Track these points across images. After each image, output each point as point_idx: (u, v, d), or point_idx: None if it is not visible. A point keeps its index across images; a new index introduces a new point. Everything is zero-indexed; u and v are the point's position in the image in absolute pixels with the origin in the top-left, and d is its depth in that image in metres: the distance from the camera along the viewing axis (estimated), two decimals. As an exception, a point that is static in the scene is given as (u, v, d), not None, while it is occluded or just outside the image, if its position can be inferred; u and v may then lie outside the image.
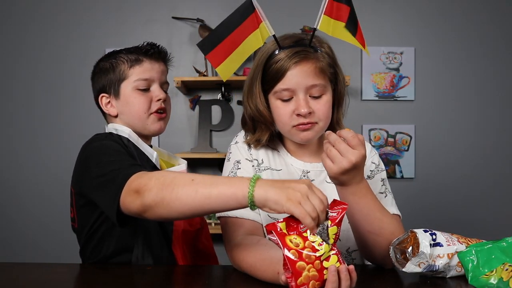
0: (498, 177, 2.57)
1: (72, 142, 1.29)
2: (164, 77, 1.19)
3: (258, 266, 0.91)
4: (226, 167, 1.12)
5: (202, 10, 2.54)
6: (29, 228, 2.52)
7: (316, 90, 1.02)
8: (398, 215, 1.08)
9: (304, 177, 1.10)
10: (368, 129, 2.56)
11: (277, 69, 1.01)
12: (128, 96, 1.14)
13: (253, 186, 0.75)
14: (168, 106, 1.21)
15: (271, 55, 1.04)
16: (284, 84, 1.01)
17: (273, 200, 0.74)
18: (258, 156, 1.12)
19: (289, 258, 0.71)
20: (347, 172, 0.89)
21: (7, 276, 0.97)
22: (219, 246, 1.33)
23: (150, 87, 1.16)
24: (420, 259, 0.87)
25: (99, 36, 2.57)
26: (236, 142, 1.14)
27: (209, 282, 0.96)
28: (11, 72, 2.57)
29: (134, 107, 1.14)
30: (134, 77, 1.14)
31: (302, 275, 0.71)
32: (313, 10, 2.48)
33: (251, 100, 1.08)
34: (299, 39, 1.05)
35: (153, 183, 0.79)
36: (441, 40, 2.58)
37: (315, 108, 1.02)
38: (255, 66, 1.08)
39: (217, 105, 2.56)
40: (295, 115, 1.01)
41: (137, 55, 1.15)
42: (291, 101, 1.02)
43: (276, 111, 1.05)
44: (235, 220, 1.04)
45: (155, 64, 1.16)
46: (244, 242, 1.00)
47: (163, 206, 0.77)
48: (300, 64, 1.00)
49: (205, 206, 0.77)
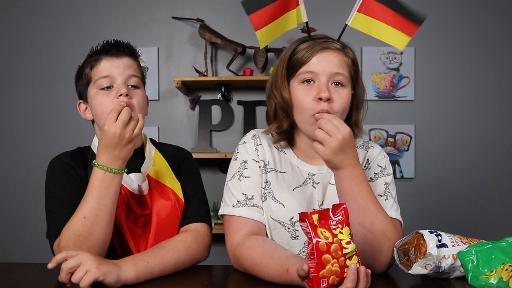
0: (498, 177, 2.57)
1: (72, 142, 1.29)
2: (129, 71, 1.10)
3: (264, 263, 0.92)
4: (233, 166, 1.13)
5: (202, 10, 2.54)
6: (29, 228, 2.52)
7: (339, 78, 1.03)
8: (399, 221, 1.05)
9: (309, 180, 1.10)
10: (368, 129, 2.56)
11: (303, 55, 1.04)
12: (93, 98, 1.10)
13: (100, 166, 0.90)
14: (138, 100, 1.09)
15: (298, 45, 1.07)
16: (308, 67, 1.03)
17: (117, 154, 0.95)
18: (265, 157, 1.12)
19: (318, 248, 0.72)
20: (338, 152, 0.91)
21: (7, 276, 0.97)
22: (218, 246, 1.33)
23: (113, 84, 1.08)
24: (427, 260, 0.87)
25: (99, 36, 2.56)
26: (244, 142, 1.15)
27: (209, 282, 0.96)
28: (11, 72, 2.57)
29: (97, 108, 1.08)
30: (95, 77, 1.09)
31: (326, 268, 0.72)
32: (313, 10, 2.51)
33: (276, 89, 1.10)
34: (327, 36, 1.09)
35: (65, 242, 0.94)
36: (441, 40, 2.58)
37: (335, 98, 1.02)
38: (281, 58, 1.10)
39: (217, 105, 2.56)
40: (316, 100, 1.01)
41: (97, 55, 1.12)
42: (313, 87, 1.03)
43: (297, 96, 1.05)
44: (239, 219, 1.05)
45: (115, 60, 1.10)
46: (249, 240, 1.00)
47: (85, 246, 0.93)
48: (326, 52, 1.03)
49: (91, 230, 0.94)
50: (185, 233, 1.08)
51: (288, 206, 1.06)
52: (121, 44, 1.14)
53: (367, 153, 1.15)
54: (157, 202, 1.08)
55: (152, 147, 1.19)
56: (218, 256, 1.27)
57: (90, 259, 0.83)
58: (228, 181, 1.11)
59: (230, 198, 1.08)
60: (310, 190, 1.09)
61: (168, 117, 2.56)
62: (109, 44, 1.13)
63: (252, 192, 1.07)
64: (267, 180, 1.10)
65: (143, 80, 1.18)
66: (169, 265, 0.97)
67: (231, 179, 1.11)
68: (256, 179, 1.09)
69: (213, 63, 2.52)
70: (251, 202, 1.06)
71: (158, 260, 0.95)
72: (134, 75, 1.11)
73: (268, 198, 1.08)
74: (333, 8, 2.44)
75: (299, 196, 1.08)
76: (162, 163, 1.17)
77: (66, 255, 0.84)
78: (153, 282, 0.91)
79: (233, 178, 1.10)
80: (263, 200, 1.08)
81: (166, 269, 0.96)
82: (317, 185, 1.09)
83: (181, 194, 1.12)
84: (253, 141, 1.13)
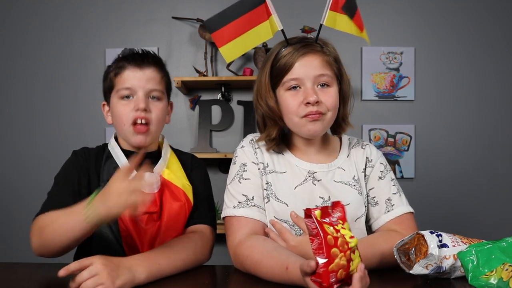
0: (498, 177, 2.57)
1: (72, 142, 1.29)
2: (151, 84, 1.10)
3: (264, 262, 0.92)
4: (232, 170, 1.14)
5: (202, 10, 2.54)
6: (29, 228, 2.52)
7: (324, 79, 1.05)
8: (411, 212, 1.11)
9: (309, 177, 1.11)
10: (368, 129, 2.56)
11: (285, 62, 1.05)
12: (114, 106, 1.12)
13: (87, 211, 0.84)
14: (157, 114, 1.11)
15: (278, 52, 1.07)
16: (292, 75, 1.05)
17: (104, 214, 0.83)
18: (264, 159, 1.13)
19: (327, 242, 0.72)
20: None
21: (7, 276, 0.97)
22: (219, 246, 1.33)
23: (134, 95, 1.09)
24: (428, 261, 0.87)
25: (99, 36, 2.57)
26: (242, 146, 1.16)
27: (209, 282, 0.96)
28: (11, 72, 2.57)
29: (116, 117, 1.11)
30: (118, 86, 1.10)
31: (334, 262, 0.72)
32: (313, 10, 2.48)
33: (261, 99, 1.11)
34: (305, 38, 1.10)
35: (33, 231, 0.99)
36: (441, 40, 2.58)
37: (323, 99, 1.04)
38: (263, 66, 1.11)
39: (217, 105, 2.56)
40: (304, 104, 1.03)
41: (122, 61, 1.11)
42: (299, 92, 1.05)
43: (284, 103, 1.07)
44: (240, 218, 1.05)
45: (138, 71, 1.09)
46: (250, 239, 1.01)
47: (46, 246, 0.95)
48: (307, 56, 1.05)
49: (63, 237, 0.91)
50: (193, 234, 1.09)
51: (291, 204, 1.07)
52: (146, 55, 1.14)
53: (364, 151, 1.18)
54: (168, 203, 1.10)
55: (168, 149, 1.21)
56: (218, 256, 1.27)
57: (105, 273, 0.81)
58: (228, 184, 1.12)
59: (231, 200, 1.09)
60: (310, 187, 1.10)
61: (168, 117, 2.56)
62: (135, 53, 1.14)
63: (252, 193, 1.08)
64: (268, 181, 1.10)
65: (167, 90, 1.19)
66: (178, 265, 0.98)
67: (231, 182, 1.12)
68: (256, 181, 1.10)
69: (213, 63, 2.52)
70: (252, 202, 1.07)
71: (169, 262, 0.95)
72: (156, 89, 1.11)
73: (271, 199, 1.08)
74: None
75: (301, 194, 1.09)
76: (176, 165, 1.18)
77: (80, 265, 0.82)
78: (153, 282, 0.91)
79: (233, 181, 1.11)
80: (266, 201, 1.09)
81: (175, 270, 0.97)
82: (317, 182, 1.10)
83: (191, 196, 1.14)
84: (251, 145, 1.15)
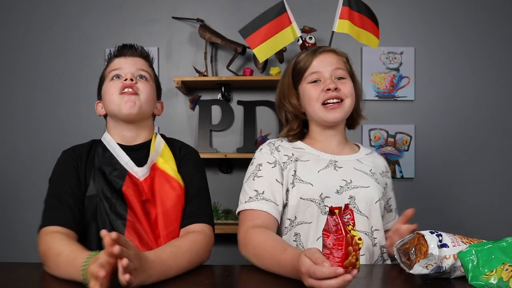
0: (498, 177, 2.57)
1: (72, 141, 1.29)
2: (136, 67, 1.20)
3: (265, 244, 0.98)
4: (249, 170, 1.22)
5: (202, 10, 2.54)
6: (29, 228, 2.52)
7: (340, 72, 1.21)
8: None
9: (331, 164, 1.20)
10: (368, 129, 2.56)
11: (305, 62, 1.22)
12: (104, 88, 1.21)
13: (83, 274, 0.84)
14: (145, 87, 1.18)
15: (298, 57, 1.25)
16: (312, 69, 1.21)
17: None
18: (287, 152, 1.21)
19: (347, 240, 0.75)
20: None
21: (7, 276, 0.97)
22: (219, 246, 1.33)
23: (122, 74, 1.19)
24: (428, 260, 0.88)
25: (99, 36, 2.57)
26: (260, 149, 1.25)
27: (209, 282, 0.96)
28: (11, 72, 2.57)
29: (105, 95, 1.19)
30: (108, 73, 1.21)
31: (348, 259, 0.75)
32: (313, 11, 2.48)
33: (284, 99, 1.26)
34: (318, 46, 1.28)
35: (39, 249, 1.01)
36: (441, 40, 2.58)
37: (341, 87, 1.19)
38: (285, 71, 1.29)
39: (217, 105, 2.56)
40: (324, 91, 1.18)
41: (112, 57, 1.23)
42: (320, 84, 1.20)
43: (307, 93, 1.22)
44: (253, 211, 1.12)
45: (127, 58, 1.21)
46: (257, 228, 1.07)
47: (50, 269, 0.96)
48: (323, 54, 1.22)
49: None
50: (196, 234, 1.09)
51: (316, 184, 1.15)
52: (134, 47, 1.24)
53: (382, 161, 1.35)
54: (164, 191, 1.12)
55: (161, 141, 1.24)
56: (218, 256, 1.27)
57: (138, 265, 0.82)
58: (244, 183, 1.20)
59: (244, 196, 1.17)
60: (332, 172, 1.19)
61: (168, 117, 2.56)
62: (124, 45, 1.24)
63: (263, 188, 1.15)
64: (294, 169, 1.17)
65: (155, 80, 1.27)
66: (183, 266, 0.98)
67: (246, 181, 1.20)
68: (269, 178, 1.17)
69: (213, 63, 2.52)
70: (261, 196, 1.13)
71: (175, 263, 0.96)
72: (143, 69, 1.21)
73: (296, 183, 1.15)
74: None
75: (324, 176, 1.17)
76: (169, 154, 1.21)
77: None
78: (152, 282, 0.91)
79: (248, 179, 1.20)
80: (292, 186, 1.15)
81: (180, 271, 0.97)
82: (339, 169, 1.19)
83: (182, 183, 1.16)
84: (269, 147, 1.23)
